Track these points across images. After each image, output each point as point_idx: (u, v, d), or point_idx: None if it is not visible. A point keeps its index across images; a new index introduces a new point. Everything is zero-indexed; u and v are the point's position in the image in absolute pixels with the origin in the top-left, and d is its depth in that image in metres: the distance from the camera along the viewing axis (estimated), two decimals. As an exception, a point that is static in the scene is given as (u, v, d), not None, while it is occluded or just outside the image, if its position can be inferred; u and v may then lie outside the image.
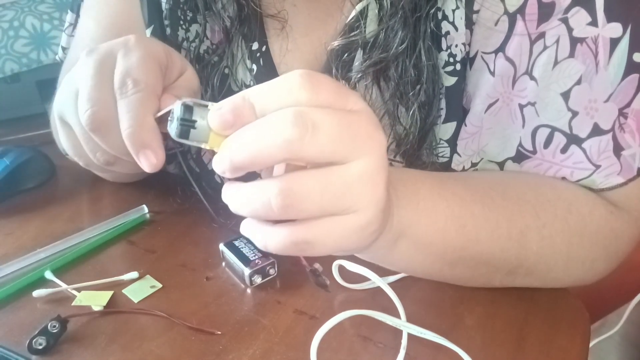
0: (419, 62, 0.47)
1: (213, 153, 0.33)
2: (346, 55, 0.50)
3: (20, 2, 0.92)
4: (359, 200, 0.32)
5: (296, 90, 0.31)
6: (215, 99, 0.56)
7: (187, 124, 0.33)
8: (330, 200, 0.31)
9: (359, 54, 0.50)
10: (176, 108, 0.33)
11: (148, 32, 0.57)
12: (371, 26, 0.49)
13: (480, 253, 0.44)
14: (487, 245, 0.44)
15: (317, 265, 0.42)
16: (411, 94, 0.48)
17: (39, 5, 0.92)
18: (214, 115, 0.32)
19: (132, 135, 0.39)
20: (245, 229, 0.35)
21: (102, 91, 0.41)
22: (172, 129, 0.33)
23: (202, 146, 0.33)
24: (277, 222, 0.33)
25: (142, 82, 0.40)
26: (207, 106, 0.33)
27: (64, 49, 0.69)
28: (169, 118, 0.34)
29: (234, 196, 0.33)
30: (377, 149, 0.32)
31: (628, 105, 0.44)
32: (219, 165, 0.32)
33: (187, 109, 0.33)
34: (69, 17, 0.66)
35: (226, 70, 0.56)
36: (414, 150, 0.50)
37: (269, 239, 0.33)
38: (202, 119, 0.33)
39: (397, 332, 0.43)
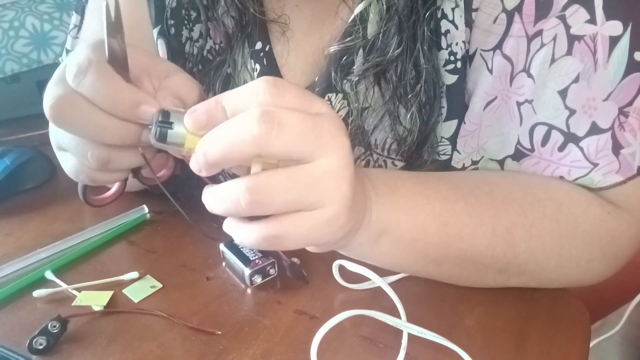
0: (418, 64, 0.47)
1: None
2: (345, 58, 0.50)
3: (20, 2, 0.92)
4: (324, 196, 0.34)
5: (262, 94, 0.33)
6: None
7: (164, 126, 0.35)
8: (295, 196, 0.34)
9: (359, 57, 0.50)
10: (155, 115, 0.36)
11: (155, 32, 0.57)
12: (372, 28, 0.49)
13: (464, 250, 0.45)
14: (471, 242, 0.44)
15: (295, 260, 0.45)
16: (411, 95, 0.48)
17: (39, 6, 0.92)
18: (189, 116, 0.35)
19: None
20: (226, 227, 0.37)
21: (59, 87, 0.40)
22: (152, 134, 0.36)
23: (180, 151, 0.36)
24: (254, 219, 0.35)
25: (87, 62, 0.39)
26: (183, 110, 0.36)
27: (67, 51, 0.68)
28: (149, 126, 0.37)
29: (209, 196, 0.36)
30: (341, 149, 0.34)
31: (630, 104, 0.44)
32: (195, 164, 0.35)
33: (165, 113, 0.36)
34: (74, 19, 0.66)
35: (229, 70, 0.56)
36: (414, 150, 0.50)
37: (243, 235, 0.36)
38: (179, 121, 0.35)
39: (398, 332, 0.43)
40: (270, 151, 0.33)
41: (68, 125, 0.39)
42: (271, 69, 0.56)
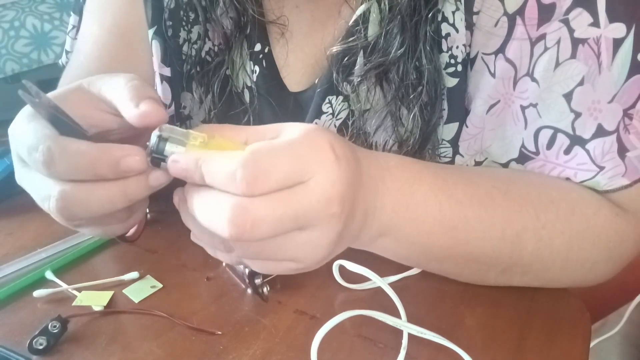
0: (420, 65, 0.47)
1: None
2: (347, 59, 0.50)
3: (20, 2, 0.92)
4: (297, 257, 0.35)
5: (241, 183, 0.32)
6: (215, 104, 0.57)
7: (157, 157, 0.35)
8: (267, 256, 0.35)
9: (360, 58, 0.50)
10: (152, 138, 0.35)
11: (150, 32, 0.57)
12: (373, 29, 0.49)
13: (469, 252, 0.44)
14: (477, 245, 0.44)
15: (257, 281, 0.47)
16: (412, 96, 0.48)
17: (39, 6, 0.92)
18: (170, 164, 0.34)
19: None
20: (196, 241, 0.39)
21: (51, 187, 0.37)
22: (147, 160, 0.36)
23: None
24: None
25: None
26: (182, 139, 0.35)
27: (67, 52, 0.68)
28: (147, 143, 0.35)
29: (188, 220, 0.37)
30: (326, 222, 0.34)
31: (633, 106, 0.44)
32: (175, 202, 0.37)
33: (162, 141, 0.35)
34: (72, 19, 0.65)
35: (228, 72, 0.56)
36: (415, 152, 0.50)
37: (218, 255, 0.38)
38: (173, 147, 0.35)
39: (398, 332, 0.43)
40: (248, 242, 0.33)
41: (82, 213, 0.37)
42: (270, 70, 0.56)
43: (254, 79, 0.56)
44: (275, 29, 0.55)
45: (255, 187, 0.32)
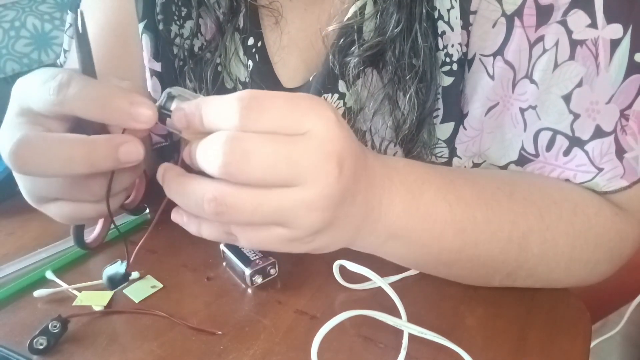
0: (416, 45, 0.47)
1: None
2: (342, 40, 0.50)
3: (21, 2, 0.92)
4: (290, 221, 0.34)
5: (235, 114, 0.32)
6: (209, 94, 0.56)
7: (165, 112, 0.36)
8: (260, 218, 0.34)
9: (356, 39, 0.49)
10: (162, 96, 0.37)
11: (140, 26, 0.56)
12: (369, 8, 0.49)
13: (477, 256, 0.44)
14: (486, 248, 0.44)
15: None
16: (408, 77, 0.48)
17: (40, 6, 0.92)
18: (174, 113, 0.35)
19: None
20: (177, 217, 0.38)
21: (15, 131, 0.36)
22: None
23: (178, 133, 0.37)
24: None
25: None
26: (190, 99, 0.36)
27: (65, 51, 0.68)
28: (157, 103, 0.37)
29: (172, 182, 0.36)
30: (322, 179, 0.33)
31: (629, 106, 0.44)
32: (185, 157, 0.36)
33: (170, 98, 0.37)
34: (69, 17, 0.66)
35: (219, 68, 0.56)
36: (413, 135, 0.50)
37: (203, 229, 0.37)
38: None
39: (398, 332, 0.43)
40: (236, 179, 0.32)
41: (36, 166, 0.35)
42: (263, 64, 0.55)
43: (248, 73, 0.56)
44: (268, 20, 0.54)
45: (249, 120, 0.31)
